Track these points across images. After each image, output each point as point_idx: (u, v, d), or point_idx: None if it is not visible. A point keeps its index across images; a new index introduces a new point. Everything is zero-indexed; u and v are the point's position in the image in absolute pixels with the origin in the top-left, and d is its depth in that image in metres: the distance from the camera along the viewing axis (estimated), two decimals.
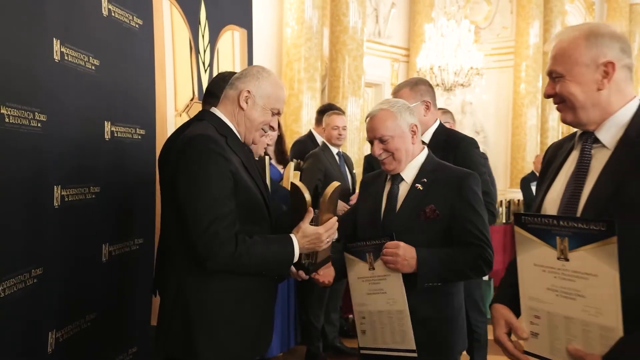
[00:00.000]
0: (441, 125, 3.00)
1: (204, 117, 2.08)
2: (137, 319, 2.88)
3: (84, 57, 2.36)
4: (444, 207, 2.18)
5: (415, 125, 2.28)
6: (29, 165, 2.03)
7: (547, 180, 1.80)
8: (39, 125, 2.07)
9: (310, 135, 5.25)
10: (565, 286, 1.51)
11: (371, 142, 2.29)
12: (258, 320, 2.03)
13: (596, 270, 1.44)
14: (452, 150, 2.84)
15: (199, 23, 3.51)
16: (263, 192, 2.06)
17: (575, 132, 1.77)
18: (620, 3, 13.72)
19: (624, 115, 1.61)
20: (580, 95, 1.61)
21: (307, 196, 2.05)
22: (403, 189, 2.28)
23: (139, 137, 2.87)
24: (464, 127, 11.51)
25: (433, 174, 2.26)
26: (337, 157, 4.57)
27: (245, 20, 4.14)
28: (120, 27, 2.66)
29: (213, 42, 3.68)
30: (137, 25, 2.82)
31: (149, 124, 2.98)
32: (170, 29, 3.20)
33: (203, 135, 1.91)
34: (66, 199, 2.26)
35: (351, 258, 2.26)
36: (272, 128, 2.14)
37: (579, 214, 1.61)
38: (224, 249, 1.84)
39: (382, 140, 2.25)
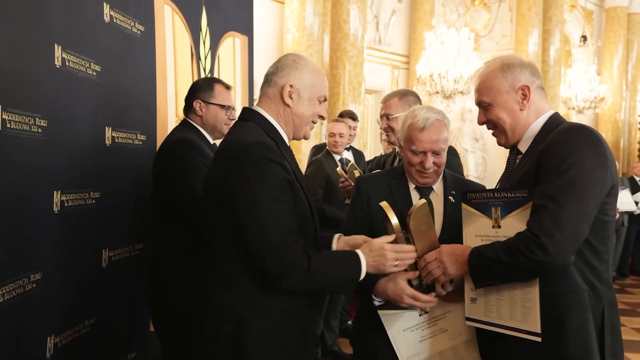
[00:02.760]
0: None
1: (250, 118, 1.88)
2: (136, 324, 2.88)
3: (85, 63, 2.37)
4: None
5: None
6: (29, 171, 2.04)
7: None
8: (40, 130, 2.08)
9: None
10: None
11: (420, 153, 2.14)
12: (305, 339, 1.90)
13: (521, 231, 1.69)
14: None
15: (200, 29, 3.52)
16: (310, 200, 1.91)
17: None
18: (619, 12, 13.77)
19: (536, 126, 1.88)
20: (507, 118, 1.89)
21: (394, 220, 1.88)
22: (436, 201, 2.18)
23: (140, 142, 2.87)
24: (464, 134, 11.53)
25: (456, 186, 2.21)
26: (339, 164, 4.57)
27: (246, 27, 4.15)
28: (122, 33, 2.67)
29: (214, 48, 3.69)
30: (138, 32, 2.83)
31: (149, 129, 2.98)
32: (171, 35, 3.21)
33: (260, 143, 1.73)
34: (66, 204, 2.26)
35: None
36: (321, 117, 1.96)
37: None
38: (298, 265, 1.67)
39: (436, 153, 2.11)
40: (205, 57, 3.58)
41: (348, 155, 4.72)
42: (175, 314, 2.38)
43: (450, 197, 2.17)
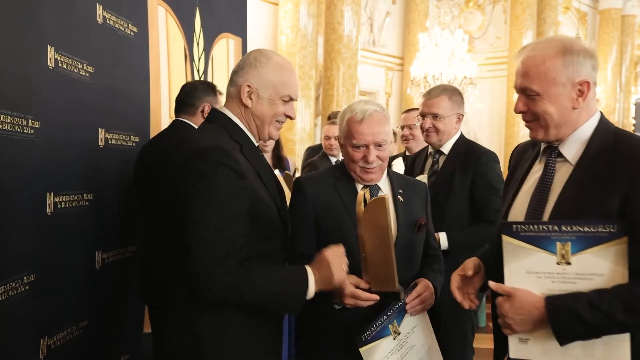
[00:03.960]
0: (462, 136, 3.00)
1: (215, 119, 1.82)
2: (129, 327, 2.87)
3: (78, 64, 2.37)
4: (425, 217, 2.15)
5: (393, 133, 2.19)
6: (22, 172, 2.03)
7: (512, 189, 1.82)
8: (33, 132, 2.07)
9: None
10: (565, 289, 1.53)
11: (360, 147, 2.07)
12: (269, 349, 1.84)
13: (602, 270, 1.49)
14: (473, 162, 2.84)
15: (194, 31, 3.52)
16: (278, 204, 1.83)
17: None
18: (613, 14, 13.85)
19: (587, 130, 1.63)
20: (556, 115, 1.60)
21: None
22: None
23: (133, 144, 2.86)
24: None
25: (401, 183, 2.17)
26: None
27: (240, 29, 4.15)
28: (115, 35, 2.67)
29: (208, 49, 3.69)
30: (132, 33, 2.82)
31: (143, 131, 2.97)
32: (165, 36, 3.20)
33: (216, 148, 1.65)
34: (59, 206, 2.25)
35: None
36: (288, 117, 1.85)
37: None
38: (224, 278, 1.60)
39: (379, 145, 2.04)
40: (199, 59, 3.58)
41: (341, 157, 4.72)
42: None
43: (399, 196, 2.09)
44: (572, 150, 1.64)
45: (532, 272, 1.57)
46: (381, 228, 1.82)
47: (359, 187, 2.07)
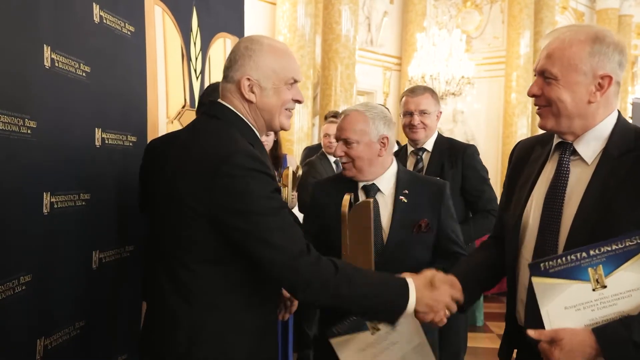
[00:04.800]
0: (439, 135, 3.07)
1: (221, 116, 1.71)
2: (127, 327, 2.86)
3: (74, 64, 2.36)
4: (430, 218, 2.15)
5: (387, 138, 2.17)
6: (18, 172, 2.02)
7: (521, 190, 1.75)
8: (29, 131, 2.06)
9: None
10: (606, 314, 1.48)
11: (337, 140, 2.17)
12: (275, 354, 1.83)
13: (638, 283, 1.44)
14: (459, 156, 2.91)
15: (191, 30, 3.51)
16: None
17: (548, 137, 1.70)
18: (610, 14, 13.88)
19: (605, 128, 1.56)
20: (570, 103, 1.53)
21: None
22: (383, 201, 2.18)
23: (130, 144, 2.86)
24: (455, 135, 11.56)
25: (410, 185, 2.19)
26: (334, 166, 4.57)
27: (237, 28, 4.15)
28: (111, 34, 2.66)
29: (205, 49, 3.69)
30: (129, 32, 2.81)
31: (140, 131, 2.97)
32: (162, 36, 3.20)
33: (243, 153, 1.57)
34: (56, 206, 2.25)
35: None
36: (297, 102, 1.75)
37: (562, 234, 1.58)
38: (321, 275, 1.54)
39: (347, 142, 2.11)
40: (196, 58, 3.57)
41: None
42: None
43: (401, 196, 2.12)
44: (589, 148, 1.57)
45: (570, 307, 1.49)
46: (364, 229, 1.89)
47: (360, 185, 2.17)
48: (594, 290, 1.46)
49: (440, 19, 11.42)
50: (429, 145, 3.01)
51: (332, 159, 4.52)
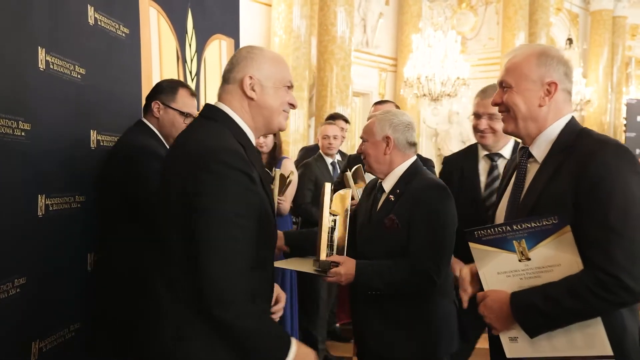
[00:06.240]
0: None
1: (215, 117, 1.74)
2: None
3: (69, 66, 2.36)
4: (403, 218, 2.22)
5: (389, 138, 2.31)
6: (13, 174, 2.02)
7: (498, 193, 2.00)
8: (24, 134, 2.06)
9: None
10: (533, 283, 1.63)
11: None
12: None
13: (558, 260, 1.59)
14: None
15: (186, 32, 3.51)
16: (274, 210, 1.78)
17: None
18: (604, 15, 13.93)
19: (554, 131, 1.76)
20: (522, 107, 1.76)
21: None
22: (382, 200, 2.36)
23: None
24: (451, 136, 11.59)
25: (406, 185, 2.30)
26: (330, 167, 4.57)
27: (232, 30, 4.15)
28: (106, 36, 2.66)
29: (200, 51, 3.69)
30: (123, 34, 2.81)
31: None
32: (157, 38, 3.20)
33: (227, 149, 1.60)
34: (51, 208, 2.24)
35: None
36: (292, 106, 1.81)
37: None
38: (244, 300, 1.55)
39: (362, 140, 2.42)
40: (191, 60, 3.57)
41: (337, 158, 4.73)
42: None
43: (391, 195, 2.30)
44: (540, 150, 1.78)
45: (502, 273, 1.68)
46: (343, 217, 2.36)
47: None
48: (520, 261, 1.64)
49: (436, 20, 11.44)
50: (506, 151, 2.72)
51: (329, 160, 4.52)
